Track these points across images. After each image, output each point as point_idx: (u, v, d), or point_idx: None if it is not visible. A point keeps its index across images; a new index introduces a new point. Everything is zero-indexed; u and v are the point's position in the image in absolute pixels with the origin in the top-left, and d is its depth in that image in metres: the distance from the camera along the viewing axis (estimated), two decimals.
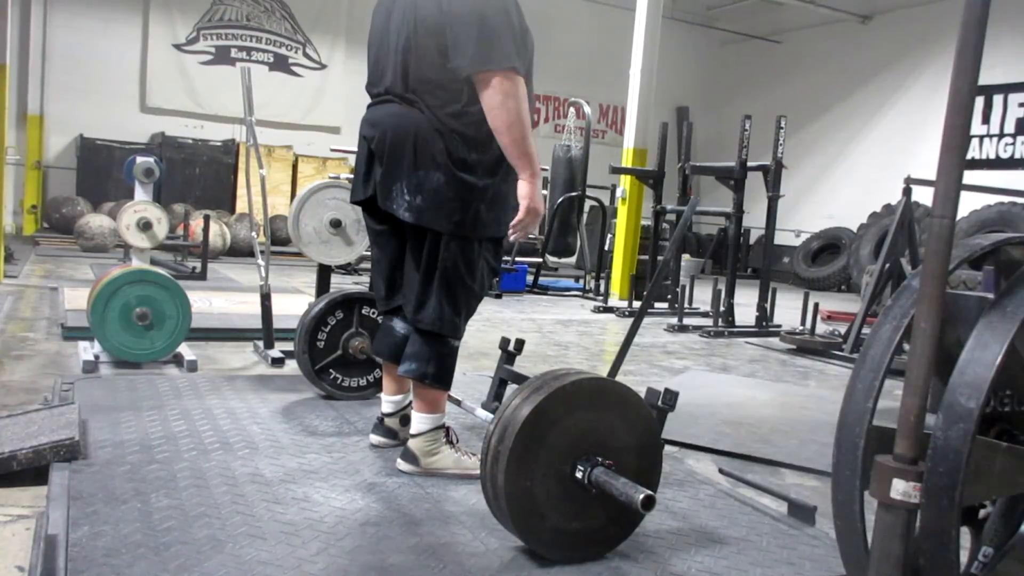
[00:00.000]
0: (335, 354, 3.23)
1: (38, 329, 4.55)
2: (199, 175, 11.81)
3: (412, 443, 2.45)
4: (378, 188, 2.37)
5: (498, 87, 2.16)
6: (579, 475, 1.87)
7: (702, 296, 8.21)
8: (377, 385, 3.25)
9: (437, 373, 2.38)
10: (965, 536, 1.39)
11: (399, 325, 2.57)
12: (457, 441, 2.53)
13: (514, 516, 1.84)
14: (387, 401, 2.70)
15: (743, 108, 8.12)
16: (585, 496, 1.89)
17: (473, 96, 2.24)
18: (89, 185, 11.26)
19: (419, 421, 2.44)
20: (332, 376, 3.26)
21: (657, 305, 7.50)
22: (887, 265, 5.42)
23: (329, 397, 3.26)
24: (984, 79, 1.59)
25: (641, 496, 1.76)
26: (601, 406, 1.92)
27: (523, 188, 2.29)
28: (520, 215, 2.30)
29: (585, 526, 1.91)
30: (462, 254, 2.35)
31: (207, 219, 8.08)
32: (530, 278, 8.79)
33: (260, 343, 4.22)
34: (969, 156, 10.85)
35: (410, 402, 2.67)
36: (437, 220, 2.29)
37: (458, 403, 2.95)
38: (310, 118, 13.10)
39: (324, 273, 4.11)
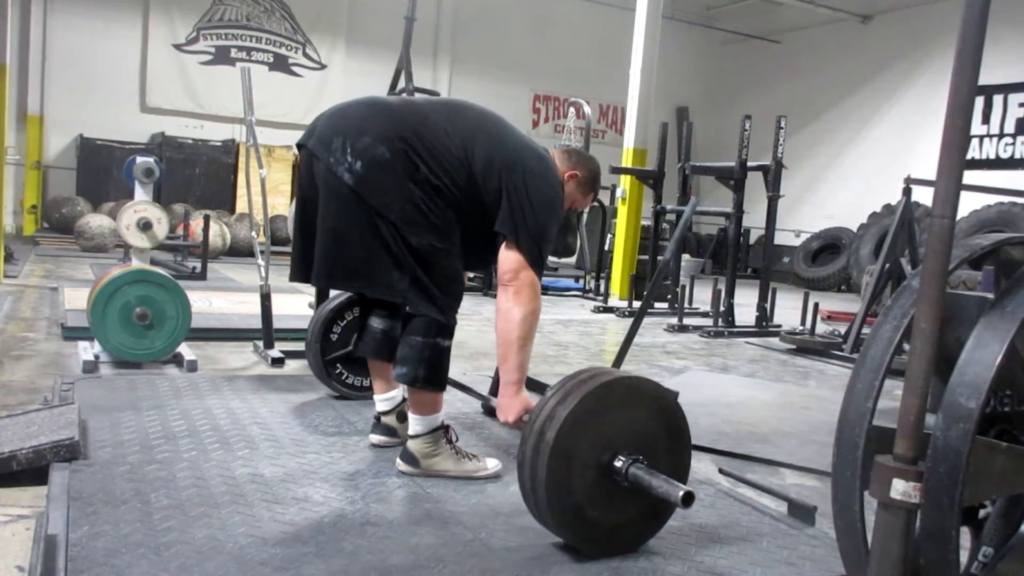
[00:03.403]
0: (346, 349, 3.22)
1: (38, 329, 4.55)
2: (199, 175, 11.81)
3: (411, 444, 2.45)
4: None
5: (516, 291, 2.27)
6: (617, 469, 1.91)
7: (702, 296, 8.21)
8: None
9: (428, 376, 2.37)
10: (965, 536, 1.39)
11: (375, 322, 2.62)
12: (457, 440, 2.52)
13: (552, 510, 1.88)
14: (380, 400, 2.70)
15: (743, 108, 8.12)
16: (620, 491, 1.94)
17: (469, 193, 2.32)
18: (89, 185, 11.26)
19: (416, 423, 2.43)
20: (339, 371, 3.25)
21: (657, 305, 7.50)
22: (887, 265, 5.42)
23: (335, 395, 3.26)
24: (984, 79, 1.59)
25: (681, 492, 1.82)
26: (638, 404, 1.97)
27: (500, 397, 2.34)
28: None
29: (619, 520, 1.96)
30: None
31: (207, 219, 8.08)
32: None
33: (260, 343, 4.22)
34: (969, 156, 10.85)
35: (405, 398, 2.67)
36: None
37: (467, 390, 2.96)
38: (310, 118, 12.77)
39: None
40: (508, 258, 2.30)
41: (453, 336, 2.44)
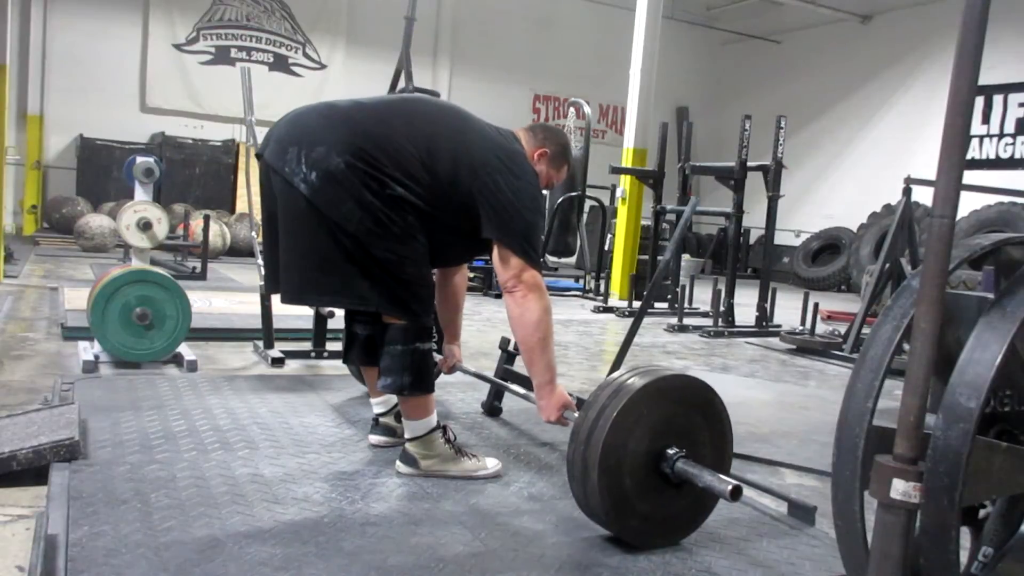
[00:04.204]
0: None
1: (38, 329, 4.55)
2: (199, 175, 11.81)
3: (409, 447, 2.44)
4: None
5: (521, 296, 2.27)
6: (664, 465, 1.98)
7: (702, 296, 8.21)
8: None
9: (414, 382, 2.36)
10: (965, 536, 1.39)
11: (359, 329, 2.63)
12: (455, 439, 2.52)
13: (604, 500, 1.94)
14: (376, 403, 2.72)
15: (743, 108, 8.12)
16: (666, 485, 2.00)
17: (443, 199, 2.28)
18: (89, 185, 11.27)
19: (411, 428, 2.43)
20: None
21: (657, 305, 7.50)
22: (887, 265, 5.42)
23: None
24: (984, 79, 1.59)
25: (729, 487, 1.86)
26: (688, 402, 2.05)
27: (538, 399, 2.37)
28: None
29: (665, 513, 2.03)
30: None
31: (207, 219, 8.08)
32: None
33: (260, 343, 4.22)
34: (969, 156, 10.85)
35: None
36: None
37: (478, 375, 2.97)
38: None
39: None
40: (504, 263, 2.29)
41: (432, 337, 2.43)
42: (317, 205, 2.19)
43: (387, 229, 2.21)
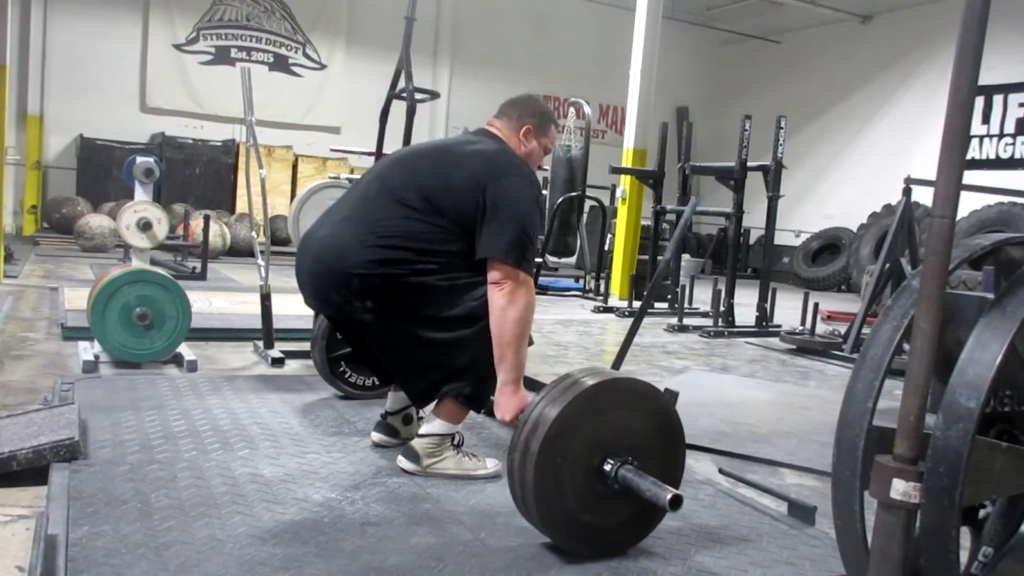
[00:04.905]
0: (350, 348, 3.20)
1: (38, 329, 4.55)
2: (199, 175, 11.81)
3: (417, 442, 2.45)
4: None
5: (510, 291, 2.26)
6: (607, 472, 1.91)
7: (702, 296, 8.21)
8: (380, 388, 3.23)
9: (472, 394, 2.39)
10: (965, 536, 1.39)
11: None
12: (462, 443, 2.53)
13: (540, 511, 1.88)
14: (393, 398, 2.71)
15: (743, 108, 8.12)
16: (610, 493, 1.93)
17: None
18: (89, 185, 11.26)
19: (433, 425, 2.44)
20: (343, 370, 3.25)
21: (657, 305, 7.50)
22: (887, 265, 5.42)
23: (338, 395, 3.26)
24: (984, 79, 1.59)
25: (668, 496, 1.80)
26: (629, 406, 1.96)
27: (498, 396, 2.32)
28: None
29: (608, 522, 1.95)
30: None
31: (207, 219, 8.08)
32: None
33: (260, 343, 4.22)
34: (969, 156, 10.85)
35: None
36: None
37: None
38: (310, 118, 13.10)
39: None
40: (495, 263, 2.29)
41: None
42: (387, 321, 2.32)
43: (446, 306, 2.31)
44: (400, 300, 2.30)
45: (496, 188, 2.31)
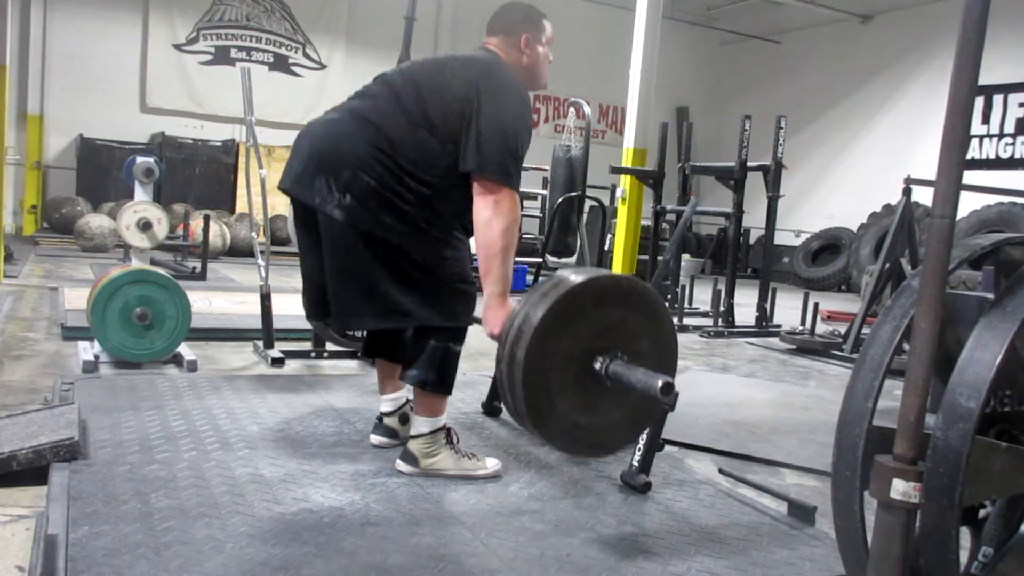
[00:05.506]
0: None
1: (38, 329, 4.55)
2: (199, 175, 11.81)
3: (411, 444, 2.45)
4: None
5: (495, 202, 2.21)
6: (597, 366, 1.87)
7: (702, 296, 8.21)
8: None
9: (438, 379, 2.38)
10: (965, 536, 1.39)
11: None
12: (458, 441, 2.52)
13: (533, 418, 1.85)
14: (386, 400, 2.71)
15: (743, 108, 8.11)
16: (604, 391, 1.89)
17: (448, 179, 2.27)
18: (89, 185, 11.25)
19: (419, 424, 2.44)
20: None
21: None
22: (887, 265, 5.42)
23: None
24: (984, 79, 1.59)
25: (660, 383, 1.76)
26: (614, 302, 1.93)
27: (486, 309, 2.28)
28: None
29: (605, 421, 1.93)
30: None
31: (207, 219, 8.08)
32: (530, 278, 8.78)
33: (260, 343, 4.22)
34: (969, 156, 10.85)
35: (408, 400, 2.68)
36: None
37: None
38: (310, 118, 12.89)
39: None
40: (480, 177, 2.24)
41: (464, 341, 2.44)
42: (357, 226, 2.23)
43: (427, 233, 2.27)
44: (375, 215, 2.22)
45: (485, 101, 2.28)
